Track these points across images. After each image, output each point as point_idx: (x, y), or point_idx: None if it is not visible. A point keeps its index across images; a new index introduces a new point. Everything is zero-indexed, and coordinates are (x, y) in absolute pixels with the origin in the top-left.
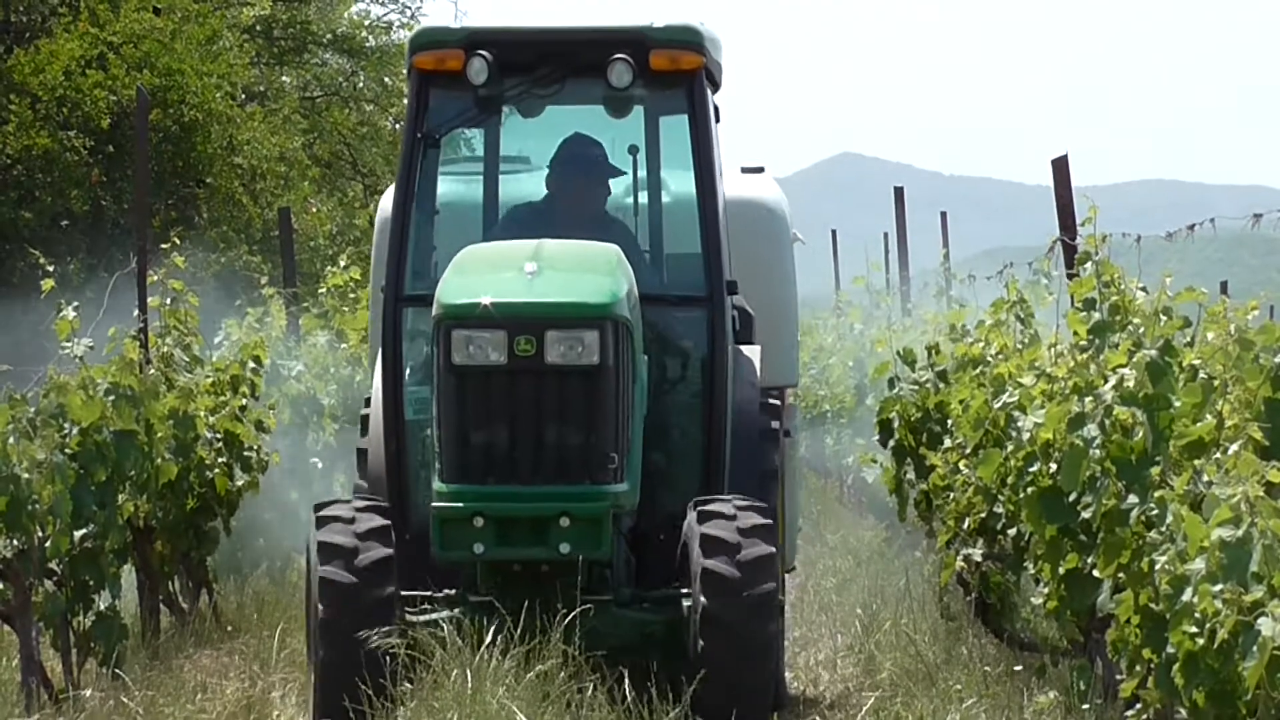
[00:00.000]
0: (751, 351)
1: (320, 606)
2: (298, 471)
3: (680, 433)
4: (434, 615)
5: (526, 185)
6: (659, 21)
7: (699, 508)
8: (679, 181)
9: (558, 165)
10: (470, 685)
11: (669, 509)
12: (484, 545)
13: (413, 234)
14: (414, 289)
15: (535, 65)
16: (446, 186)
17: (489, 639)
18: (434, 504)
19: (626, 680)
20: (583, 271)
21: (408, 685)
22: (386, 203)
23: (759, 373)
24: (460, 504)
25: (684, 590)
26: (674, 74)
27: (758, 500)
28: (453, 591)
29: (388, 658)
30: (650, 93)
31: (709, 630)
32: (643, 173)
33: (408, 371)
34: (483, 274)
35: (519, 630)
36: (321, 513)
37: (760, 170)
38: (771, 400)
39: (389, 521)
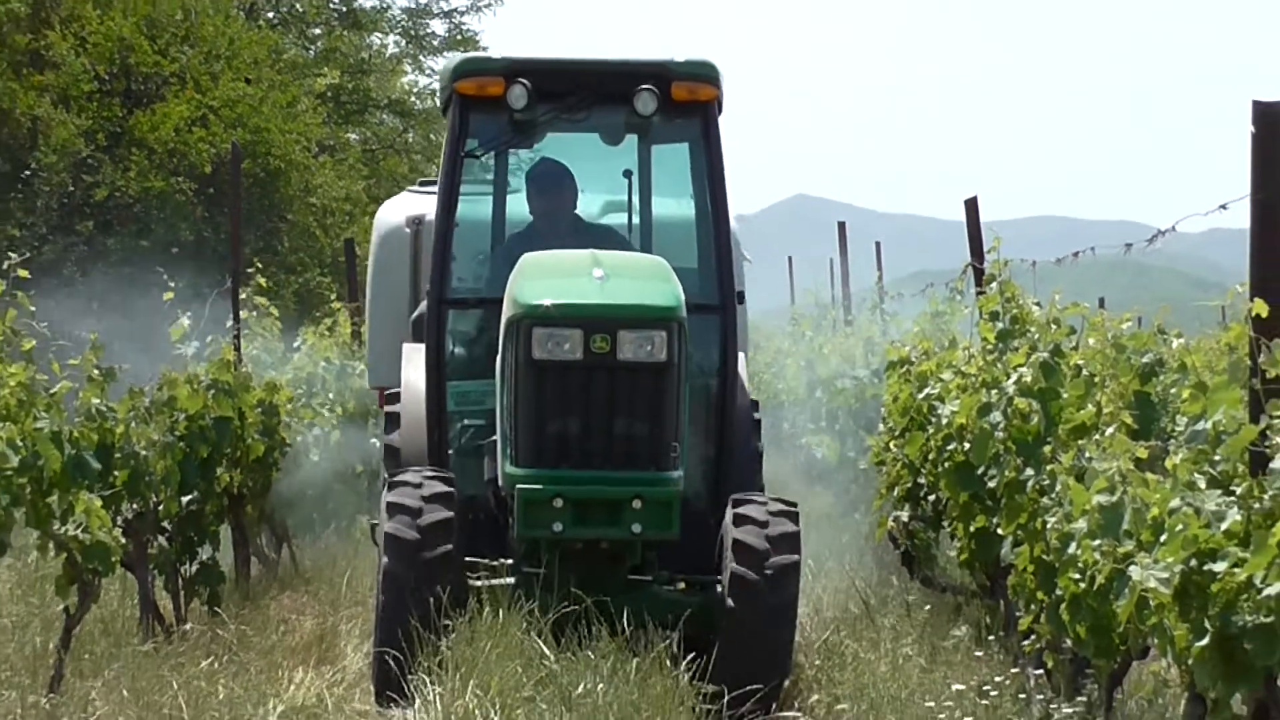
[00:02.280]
0: (739, 358)
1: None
2: (360, 450)
3: (698, 428)
4: (491, 582)
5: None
6: (679, 56)
7: (733, 497)
8: (668, 204)
9: (537, 188)
10: (500, 620)
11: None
12: (563, 524)
13: (453, 243)
14: (454, 293)
15: (566, 93)
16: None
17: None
18: (517, 486)
19: (626, 619)
20: (647, 278)
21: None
22: (386, 215)
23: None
24: (541, 486)
25: (719, 578)
26: (691, 104)
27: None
28: (508, 560)
29: (443, 603)
30: (667, 121)
31: (737, 592)
32: (634, 196)
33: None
34: (556, 278)
35: (567, 601)
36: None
37: None
38: (755, 416)
39: (452, 489)
